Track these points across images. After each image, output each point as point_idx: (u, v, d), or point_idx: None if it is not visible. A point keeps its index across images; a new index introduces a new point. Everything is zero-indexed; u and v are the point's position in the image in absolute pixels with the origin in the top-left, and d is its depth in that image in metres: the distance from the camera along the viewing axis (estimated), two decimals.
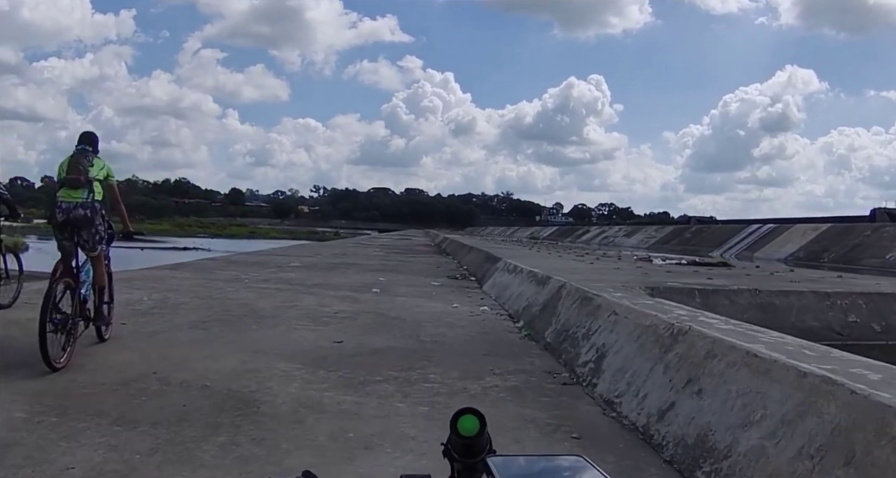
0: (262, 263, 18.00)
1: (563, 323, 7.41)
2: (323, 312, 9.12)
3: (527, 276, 10.82)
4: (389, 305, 10.28)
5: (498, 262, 14.76)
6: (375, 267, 18.19)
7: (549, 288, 8.96)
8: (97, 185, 6.27)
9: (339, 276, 15.10)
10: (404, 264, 20.01)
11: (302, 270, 16.35)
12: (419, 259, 23.26)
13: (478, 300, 11.48)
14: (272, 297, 10.54)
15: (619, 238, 63.16)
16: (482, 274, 15.37)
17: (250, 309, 9.14)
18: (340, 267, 17.71)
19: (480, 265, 16.63)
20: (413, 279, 15.06)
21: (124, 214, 7.02)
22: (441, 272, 17.33)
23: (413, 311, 9.73)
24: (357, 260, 21.05)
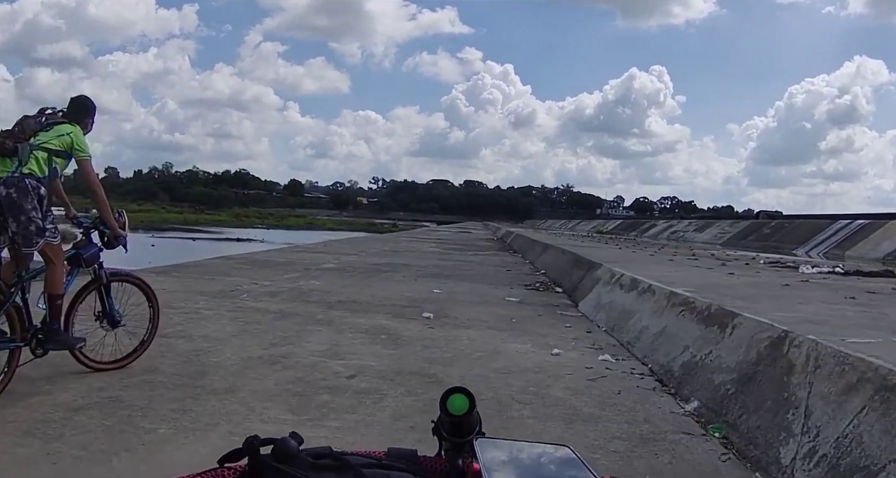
0: (289, 263, 14.08)
1: (841, 445, 3.22)
2: (328, 375, 5.06)
3: (670, 302, 6.62)
4: (448, 350, 6.17)
5: (595, 269, 10.60)
6: (430, 270, 14.17)
7: (742, 338, 4.77)
8: (39, 156, 4.55)
9: (380, 285, 11.08)
10: (466, 266, 15.94)
11: (334, 274, 12.41)
12: (483, 258, 19.16)
13: (583, 334, 7.35)
14: (259, 333, 6.51)
15: (690, 233, 57.72)
16: (573, 285, 11.21)
17: (196, 367, 5.09)
18: (385, 270, 13.74)
19: (567, 272, 12.48)
20: (479, 290, 10.99)
21: (102, 206, 5.01)
22: (514, 279, 13.22)
23: (489, 365, 5.62)
24: (408, 259, 17.04)
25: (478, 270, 14.88)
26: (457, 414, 0.92)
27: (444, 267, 15.21)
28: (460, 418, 0.92)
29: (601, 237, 35.47)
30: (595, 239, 28.77)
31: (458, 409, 0.92)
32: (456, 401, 0.92)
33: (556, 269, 13.72)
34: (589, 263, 11.35)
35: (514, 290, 11.31)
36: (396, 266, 14.66)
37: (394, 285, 11.06)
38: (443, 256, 18.92)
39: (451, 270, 14.40)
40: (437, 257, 18.48)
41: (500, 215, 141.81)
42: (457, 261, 17.45)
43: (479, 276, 13.59)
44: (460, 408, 0.92)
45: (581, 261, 12.13)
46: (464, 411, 0.92)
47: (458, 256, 19.25)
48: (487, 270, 15.17)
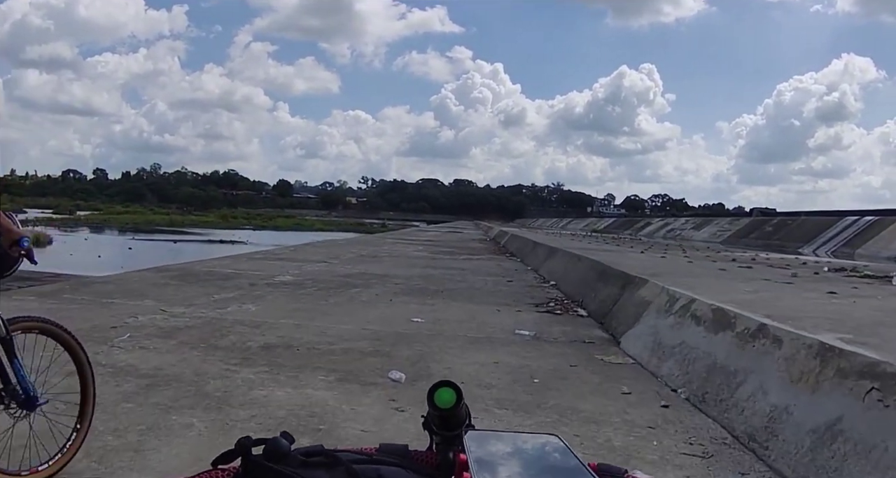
0: (235, 276, 10.99)
1: None
2: None
3: (833, 370, 3.56)
4: None
5: (637, 286, 7.57)
6: (412, 283, 11.11)
7: None
8: None
9: (341, 310, 7.99)
10: (457, 276, 12.86)
11: (284, 293, 9.31)
12: (477, 265, 16.09)
13: (657, 412, 4.29)
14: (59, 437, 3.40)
15: (687, 231, 54.96)
16: (603, 307, 8.15)
17: None
18: (356, 283, 10.65)
19: (590, 287, 9.43)
20: (477, 315, 7.95)
21: None
22: (519, 294, 10.19)
23: None
24: (388, 267, 13.96)
25: (472, 282, 11.82)
26: (444, 408, 0.91)
27: (430, 278, 12.14)
28: (448, 411, 0.91)
29: (601, 237, 32.47)
30: (599, 239, 25.74)
31: (446, 403, 0.91)
32: (443, 395, 0.91)
33: (573, 281, 10.67)
34: (624, 278, 8.29)
35: (522, 313, 8.26)
36: (371, 278, 11.59)
37: (360, 311, 7.96)
38: (430, 262, 15.84)
39: (440, 282, 11.34)
40: (424, 264, 15.41)
41: (491, 214, 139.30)
42: (446, 268, 14.37)
43: (475, 290, 10.53)
44: (447, 402, 0.91)
45: (610, 273, 9.07)
46: (451, 404, 0.91)
47: (447, 262, 16.17)
48: (484, 281, 12.10)
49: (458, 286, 10.98)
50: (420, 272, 13.07)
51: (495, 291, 10.63)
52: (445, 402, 0.91)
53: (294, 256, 15.47)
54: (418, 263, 15.32)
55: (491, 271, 14.12)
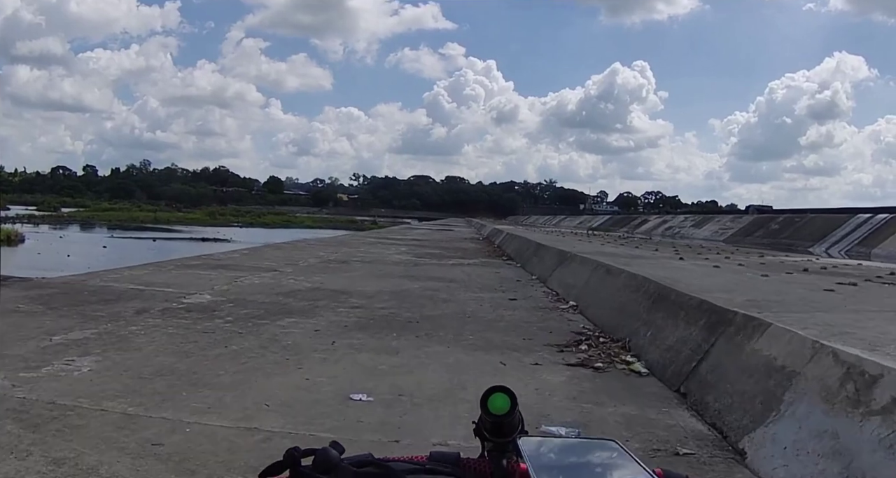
0: (130, 297, 7.65)
1: None
2: None
3: None
4: None
5: (747, 333, 4.25)
6: (377, 305, 7.81)
7: None
8: None
9: (239, 369, 4.59)
10: (444, 291, 9.54)
11: (179, 327, 5.94)
12: (469, 272, 12.73)
13: None
14: None
15: (687, 229, 51.53)
16: (682, 364, 4.77)
17: None
18: (296, 308, 7.31)
19: (638, 317, 6.08)
20: (471, 375, 4.66)
21: None
22: (530, 323, 6.88)
23: None
24: (353, 278, 10.64)
25: (462, 302, 8.50)
26: (498, 414, 0.88)
27: (405, 295, 8.82)
28: (502, 417, 0.88)
29: (605, 235, 29.24)
30: (607, 239, 22.48)
31: (500, 409, 0.88)
32: (497, 400, 0.88)
33: (605, 305, 7.34)
34: (708, 312, 4.95)
35: (543, 369, 4.94)
36: (322, 297, 8.26)
37: (267, 373, 4.54)
38: (411, 270, 12.51)
39: (416, 305, 8.02)
40: (402, 272, 12.08)
41: (483, 212, 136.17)
42: (430, 279, 11.04)
43: (465, 319, 7.20)
44: (501, 408, 0.88)
45: (675, 301, 5.71)
46: (505, 410, 0.88)
47: (432, 270, 12.83)
48: (478, 301, 8.78)
49: (441, 311, 7.66)
50: (393, 286, 9.75)
51: (495, 318, 7.31)
52: (499, 408, 0.87)
53: (240, 263, 12.12)
54: (395, 272, 11.98)
55: (486, 284, 10.79)
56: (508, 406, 0.88)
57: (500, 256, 17.93)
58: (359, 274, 11.33)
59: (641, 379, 4.94)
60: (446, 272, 12.41)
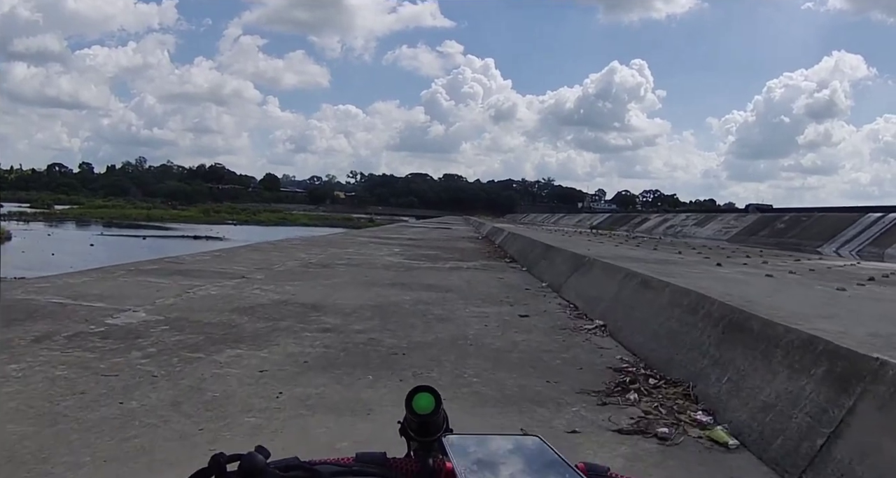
0: (46, 314, 5.99)
1: None
2: None
3: None
4: None
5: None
6: (356, 329, 6.13)
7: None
8: None
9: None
10: (438, 305, 7.85)
11: (73, 363, 4.28)
12: (469, 278, 11.04)
13: None
14: None
15: (689, 227, 50.18)
16: (795, 440, 3.17)
17: None
18: (249, 332, 5.64)
19: (705, 352, 4.36)
20: None
21: None
22: (552, 354, 5.20)
23: None
24: (333, 289, 8.92)
25: (461, 318, 6.83)
26: (423, 413, 0.88)
27: (390, 312, 7.13)
28: (427, 417, 0.88)
29: (611, 235, 27.65)
30: (620, 240, 20.89)
31: (424, 408, 0.88)
32: (421, 400, 0.89)
33: (647, 328, 5.61)
34: (848, 362, 3.23)
35: (588, 452, 3.25)
36: (288, 315, 6.56)
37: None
38: (401, 276, 10.82)
39: (403, 325, 6.34)
40: (391, 278, 10.39)
41: (481, 210, 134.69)
42: (424, 288, 9.36)
43: (466, 345, 5.49)
44: (426, 407, 0.88)
45: (762, 334, 3.94)
46: (430, 409, 0.88)
47: (426, 276, 11.14)
48: (482, 317, 7.10)
49: (435, 335, 5.95)
50: (379, 298, 8.05)
51: (504, 346, 5.60)
52: (424, 407, 0.87)
53: (204, 268, 10.41)
54: (383, 278, 10.28)
55: (490, 293, 9.08)
56: (433, 406, 0.87)
57: (503, 257, 16.24)
58: (341, 281, 9.63)
59: (731, 457, 3.26)
60: (443, 278, 10.72)
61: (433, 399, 0.88)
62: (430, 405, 0.87)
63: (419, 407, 0.87)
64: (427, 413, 0.87)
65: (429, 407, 0.87)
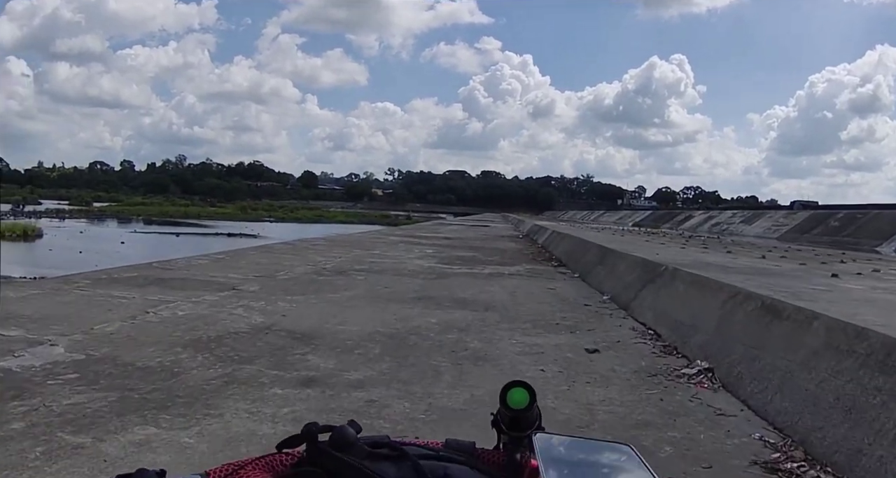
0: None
1: None
2: None
3: None
4: None
5: None
6: (345, 390, 4.20)
7: None
8: None
9: None
10: (475, 328, 5.90)
11: None
12: (512, 285, 9.02)
13: None
14: None
15: (736, 225, 47.29)
16: None
17: None
18: (174, 398, 3.76)
19: None
20: None
21: None
22: (661, 447, 3.18)
23: None
24: (341, 307, 6.98)
25: (507, 356, 4.85)
26: (516, 408, 0.85)
27: (411, 343, 5.17)
28: (519, 412, 0.85)
29: (666, 233, 25.46)
30: (681, 241, 18.78)
31: (518, 403, 0.85)
32: (516, 395, 0.85)
33: (811, 397, 3.50)
34: None
35: None
36: (255, 358, 4.61)
37: None
38: (430, 286, 8.86)
39: (426, 372, 4.35)
40: (418, 289, 8.44)
41: (519, 207, 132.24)
42: (456, 304, 7.39)
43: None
44: (520, 402, 0.85)
45: None
46: (523, 405, 0.85)
47: (461, 284, 9.15)
48: (535, 353, 5.11)
49: (469, 392, 3.92)
50: (396, 321, 6.10)
51: (576, 415, 3.60)
52: (518, 402, 0.84)
53: (192, 276, 8.54)
54: (407, 291, 8.31)
55: (541, 312, 7.06)
56: (527, 401, 0.84)
57: (549, 260, 14.21)
58: (353, 294, 7.70)
59: None
60: (480, 289, 8.73)
61: (528, 395, 0.84)
62: (524, 400, 0.84)
63: (513, 402, 0.84)
64: (521, 408, 0.83)
65: (523, 402, 0.84)
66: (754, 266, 8.12)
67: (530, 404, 0.85)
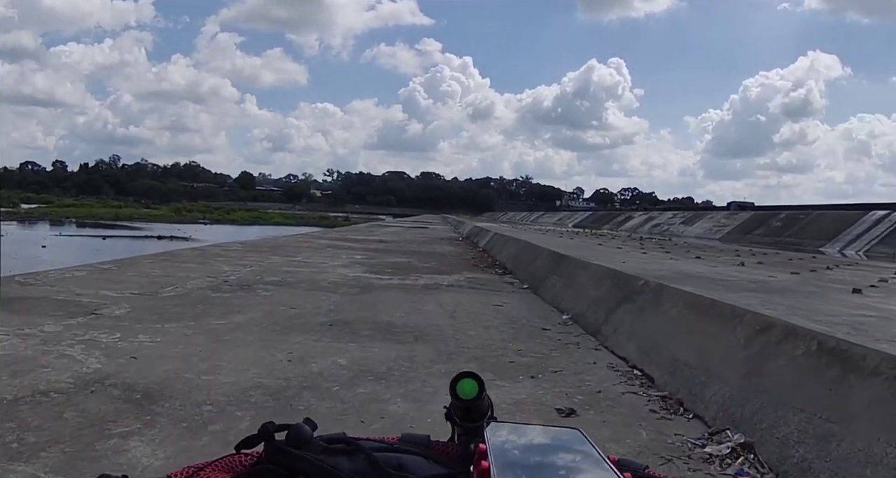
0: None
1: None
2: None
3: None
4: None
5: None
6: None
7: None
8: None
9: None
10: (401, 383, 4.25)
11: None
12: (452, 301, 7.36)
13: None
14: None
15: (677, 226, 46.61)
16: None
17: None
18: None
19: None
20: None
21: None
22: None
23: None
24: (211, 354, 5.21)
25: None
26: (467, 398, 0.86)
27: (294, 414, 3.54)
28: (470, 402, 0.86)
29: (612, 235, 24.18)
30: (635, 245, 17.40)
31: (468, 393, 0.86)
32: (465, 385, 0.86)
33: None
34: None
35: None
36: (70, 437, 2.89)
37: None
38: (351, 302, 7.14)
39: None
40: (335, 307, 6.72)
41: (459, 208, 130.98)
42: (379, 331, 5.70)
43: None
44: (469, 392, 0.86)
45: None
46: (473, 395, 0.86)
47: (390, 301, 7.44)
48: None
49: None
50: (286, 365, 4.34)
51: None
52: (468, 392, 0.85)
53: (49, 294, 6.65)
54: (319, 311, 6.55)
55: (489, 345, 5.35)
56: (476, 391, 0.85)
57: (492, 266, 12.60)
58: (246, 318, 5.92)
59: None
60: (412, 307, 7.04)
61: (477, 385, 0.86)
62: (473, 391, 0.85)
63: (463, 392, 0.85)
64: (470, 398, 0.85)
65: (472, 392, 0.85)
66: (746, 278, 6.59)
67: (480, 394, 0.84)
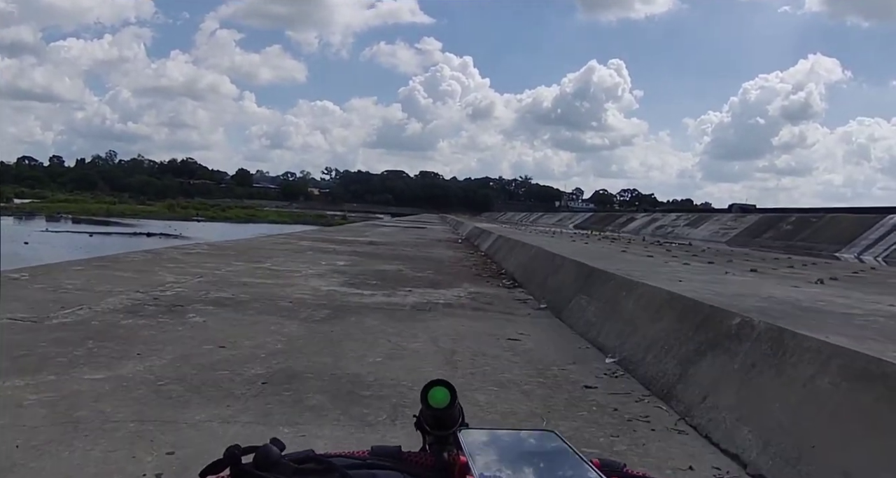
0: None
1: None
2: None
3: None
4: None
5: None
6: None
7: None
8: None
9: None
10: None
11: None
12: (448, 334, 5.35)
13: None
14: None
15: (681, 228, 44.78)
16: None
17: None
18: None
19: None
20: None
21: None
22: None
23: None
24: (40, 450, 3.26)
25: None
26: (438, 407, 0.84)
27: None
28: (442, 410, 0.84)
29: (619, 238, 22.18)
30: (663, 251, 15.35)
31: (440, 401, 0.84)
32: (437, 394, 0.85)
33: None
34: None
35: None
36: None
37: None
38: (306, 342, 5.15)
39: None
40: (276, 352, 4.72)
41: (457, 208, 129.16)
42: (327, 401, 3.73)
43: None
44: (442, 401, 0.84)
45: None
46: (445, 403, 0.84)
47: (361, 338, 5.46)
48: None
49: None
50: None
51: None
52: (439, 401, 0.84)
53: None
54: (260, 351, 4.50)
55: (512, 412, 3.44)
56: (448, 399, 0.83)
57: (497, 276, 10.59)
58: (143, 368, 3.88)
59: None
60: (394, 344, 5.02)
61: (448, 393, 0.84)
62: (445, 399, 0.83)
63: (435, 401, 0.83)
64: (442, 407, 0.83)
65: (444, 401, 0.83)
66: (857, 306, 4.58)
67: (452, 402, 0.83)
